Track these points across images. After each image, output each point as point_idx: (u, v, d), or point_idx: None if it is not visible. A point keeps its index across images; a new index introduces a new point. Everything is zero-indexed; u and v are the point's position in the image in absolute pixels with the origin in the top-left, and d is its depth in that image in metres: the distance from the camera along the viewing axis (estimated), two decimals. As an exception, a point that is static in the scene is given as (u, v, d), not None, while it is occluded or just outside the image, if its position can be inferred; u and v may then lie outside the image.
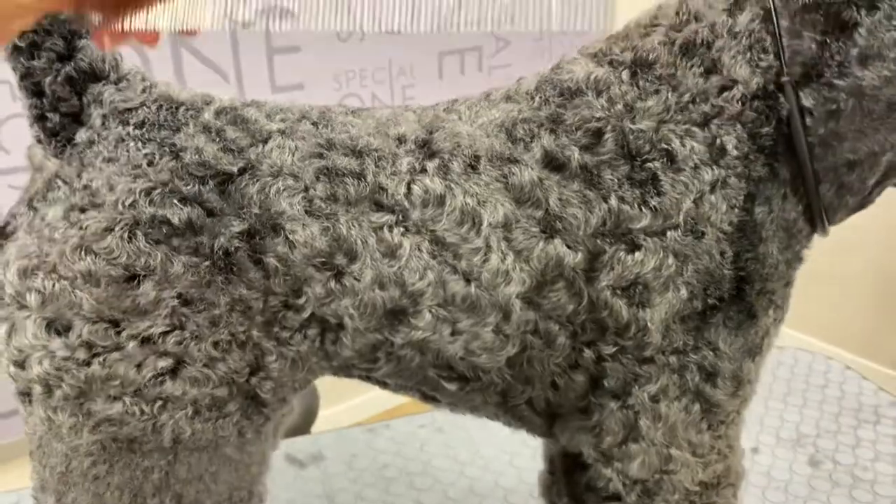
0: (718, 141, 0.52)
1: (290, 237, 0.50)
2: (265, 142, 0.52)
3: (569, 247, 0.52)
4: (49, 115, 0.51)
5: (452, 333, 0.53)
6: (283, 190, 0.51)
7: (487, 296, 0.52)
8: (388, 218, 0.52)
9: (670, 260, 0.52)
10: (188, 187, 0.50)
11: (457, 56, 1.98)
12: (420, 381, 0.58)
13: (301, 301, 0.51)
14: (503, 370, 0.57)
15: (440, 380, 0.58)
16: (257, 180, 0.51)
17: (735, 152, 0.52)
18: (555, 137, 0.53)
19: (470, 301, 0.52)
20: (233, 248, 0.50)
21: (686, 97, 0.53)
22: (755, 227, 0.53)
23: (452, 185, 0.52)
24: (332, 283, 0.51)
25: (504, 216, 0.52)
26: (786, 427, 1.04)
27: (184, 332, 0.49)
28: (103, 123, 0.52)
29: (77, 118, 0.52)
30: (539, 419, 0.62)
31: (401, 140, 0.54)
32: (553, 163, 0.53)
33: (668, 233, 0.52)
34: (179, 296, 0.49)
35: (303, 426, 1.20)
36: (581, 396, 0.58)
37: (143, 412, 0.49)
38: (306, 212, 0.51)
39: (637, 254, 0.52)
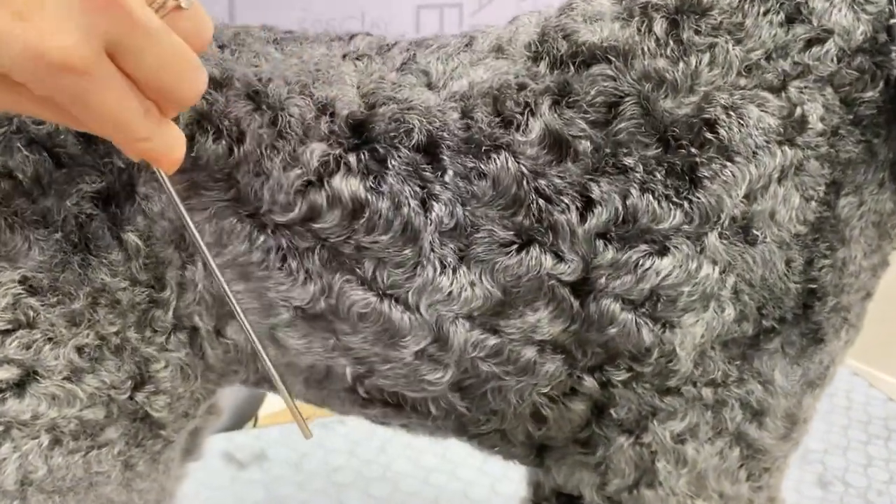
0: (798, 111, 0.40)
1: (143, 205, 0.38)
2: None
3: (554, 254, 0.40)
4: None
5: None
6: None
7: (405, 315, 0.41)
8: (221, 199, 0.40)
9: (707, 269, 0.40)
10: (39, 125, 0.37)
11: (436, 11, 1.83)
12: (337, 405, 0.47)
13: (165, 294, 0.40)
14: (450, 399, 0.45)
15: (354, 405, 0.46)
16: None
17: (820, 126, 0.40)
18: (559, 111, 0.40)
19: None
20: (85, 217, 0.37)
21: (758, 53, 0.40)
22: (836, 225, 0.41)
23: (380, 188, 0.40)
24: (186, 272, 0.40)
25: (460, 222, 0.40)
26: (792, 442, 0.94)
27: (33, 332, 0.36)
28: None
29: None
30: (520, 450, 0.50)
31: (325, 109, 0.40)
32: (554, 144, 0.40)
33: (707, 237, 0.40)
34: (24, 280, 0.36)
35: (247, 411, 1.06)
36: (581, 427, 0.47)
37: (-29, 442, 0.35)
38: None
39: (663, 260, 0.40)
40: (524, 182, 0.40)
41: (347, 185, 0.39)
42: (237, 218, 0.40)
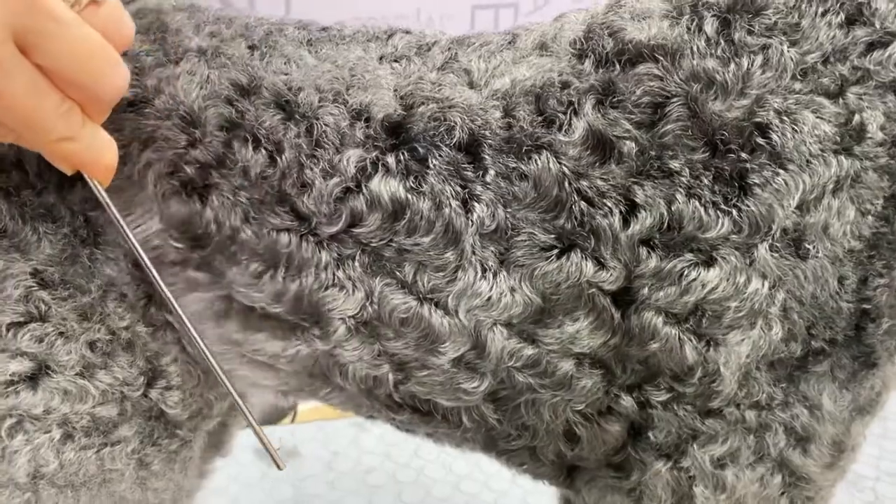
0: (857, 118, 0.37)
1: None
2: (177, 63, 0.39)
3: (595, 260, 0.38)
4: None
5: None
6: (169, 137, 0.37)
7: (444, 319, 0.39)
8: (292, 225, 0.39)
9: (756, 283, 0.37)
10: None
11: (491, 11, 1.80)
12: (365, 409, 0.45)
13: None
14: (483, 410, 0.42)
15: (383, 409, 0.44)
16: (145, 118, 0.37)
17: (879, 135, 0.37)
18: (602, 110, 0.38)
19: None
20: (92, 212, 0.37)
21: (814, 56, 0.37)
22: (894, 242, 0.37)
23: (421, 188, 0.38)
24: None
25: (501, 224, 0.38)
26: (844, 466, 0.89)
27: (45, 326, 0.36)
28: None
29: None
30: (549, 469, 0.48)
31: (360, 114, 0.39)
32: (597, 145, 0.38)
33: (757, 248, 0.37)
34: (35, 273, 0.36)
35: (286, 406, 1.06)
36: (616, 449, 0.44)
37: (-14, 434, 0.35)
38: (182, 180, 0.38)
39: (709, 271, 0.37)
40: (566, 183, 0.38)
41: (387, 187, 0.38)
42: (305, 241, 0.39)
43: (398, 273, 0.39)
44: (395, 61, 0.42)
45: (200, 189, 0.38)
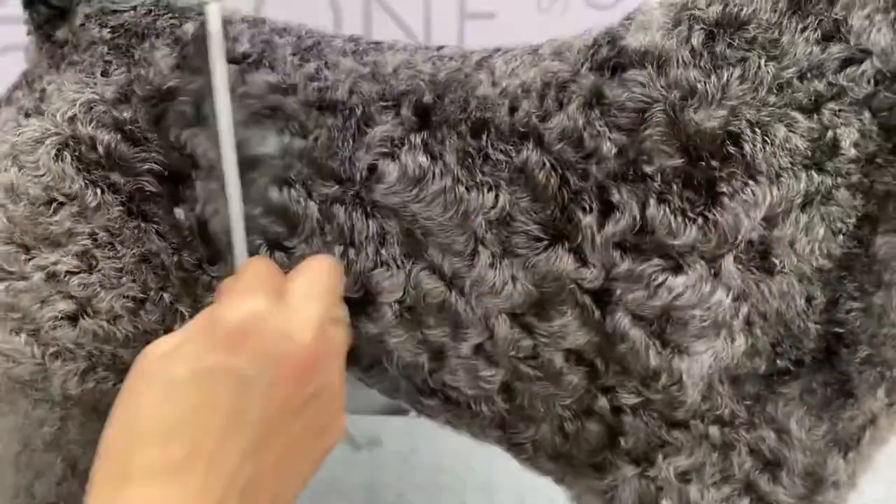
0: (830, 134, 0.36)
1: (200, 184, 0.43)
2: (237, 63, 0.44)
3: (578, 256, 0.40)
4: (38, 4, 0.47)
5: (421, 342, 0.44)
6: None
7: (467, 306, 0.42)
8: (336, 190, 0.43)
9: (720, 294, 0.37)
10: (124, 108, 0.43)
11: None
12: (391, 389, 0.48)
13: (217, 266, 0.44)
14: (495, 400, 0.45)
15: (418, 393, 0.47)
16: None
17: (853, 152, 0.36)
18: (587, 111, 0.40)
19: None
20: (145, 191, 0.43)
21: (791, 71, 0.37)
22: (871, 265, 0.36)
23: (439, 161, 0.42)
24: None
25: (501, 209, 0.41)
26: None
27: (91, 277, 0.43)
28: (83, 24, 0.46)
29: (65, 14, 0.47)
30: (550, 465, 0.48)
31: (391, 100, 0.44)
32: (579, 143, 0.40)
33: (723, 259, 0.37)
34: (92, 234, 0.43)
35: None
36: (596, 450, 0.45)
37: (34, 355, 0.43)
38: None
39: (676, 278, 0.38)
40: (552, 172, 0.40)
41: (412, 156, 0.42)
42: (353, 209, 0.43)
43: (427, 256, 0.42)
44: (438, 60, 0.46)
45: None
